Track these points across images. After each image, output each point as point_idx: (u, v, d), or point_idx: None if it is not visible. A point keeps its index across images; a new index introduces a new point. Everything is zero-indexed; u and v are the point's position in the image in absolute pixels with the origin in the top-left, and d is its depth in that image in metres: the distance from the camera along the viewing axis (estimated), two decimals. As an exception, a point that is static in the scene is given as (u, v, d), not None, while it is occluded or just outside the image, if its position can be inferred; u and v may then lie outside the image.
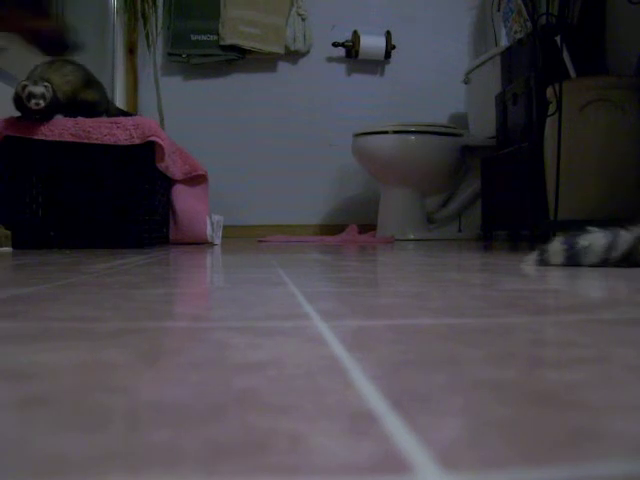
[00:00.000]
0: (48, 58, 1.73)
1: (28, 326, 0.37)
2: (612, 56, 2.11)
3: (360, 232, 2.98)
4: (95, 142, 1.65)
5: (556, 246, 0.91)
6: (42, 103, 1.58)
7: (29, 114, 1.61)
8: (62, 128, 1.65)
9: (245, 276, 0.76)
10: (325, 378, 0.24)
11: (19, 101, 1.60)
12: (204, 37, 3.02)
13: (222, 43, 3.01)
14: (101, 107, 1.77)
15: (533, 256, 0.93)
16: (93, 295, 0.54)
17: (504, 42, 2.68)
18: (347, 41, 3.11)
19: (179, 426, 0.18)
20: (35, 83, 1.59)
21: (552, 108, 1.82)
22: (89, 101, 1.75)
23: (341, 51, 3.16)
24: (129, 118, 1.71)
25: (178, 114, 3.03)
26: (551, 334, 0.35)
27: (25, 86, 1.59)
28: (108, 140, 1.65)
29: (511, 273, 0.79)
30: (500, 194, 2.36)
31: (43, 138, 1.64)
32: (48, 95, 1.60)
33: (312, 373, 0.25)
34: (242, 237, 3.09)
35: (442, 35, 3.21)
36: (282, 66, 3.16)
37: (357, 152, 2.77)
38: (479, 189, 2.70)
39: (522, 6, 2.36)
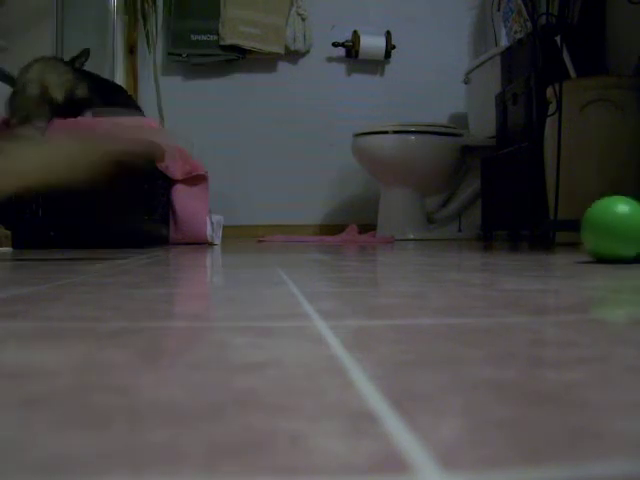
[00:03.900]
0: (39, 55, 1.75)
1: (28, 326, 0.37)
2: (612, 56, 2.11)
3: (360, 232, 2.98)
4: (95, 142, 1.65)
5: None
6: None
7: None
8: (62, 128, 1.65)
9: (245, 276, 0.76)
10: (325, 378, 0.24)
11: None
12: (204, 37, 3.03)
13: (222, 43, 3.01)
14: (95, 99, 1.79)
15: None
16: (93, 295, 0.54)
17: (504, 42, 2.68)
18: (347, 41, 3.12)
19: (179, 426, 0.18)
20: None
21: (552, 108, 1.82)
22: (85, 97, 1.76)
23: (341, 51, 3.16)
24: (129, 118, 1.71)
25: (178, 114, 3.03)
26: (551, 334, 0.35)
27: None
28: (108, 140, 1.65)
29: None
30: (500, 194, 2.36)
31: (43, 138, 1.64)
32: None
33: (312, 373, 0.25)
34: (242, 237, 3.09)
35: (442, 35, 3.21)
36: (282, 66, 3.16)
37: (357, 152, 2.77)
38: (479, 189, 2.70)
39: (522, 6, 2.36)
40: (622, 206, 0.95)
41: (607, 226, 0.95)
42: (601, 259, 0.98)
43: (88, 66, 2.37)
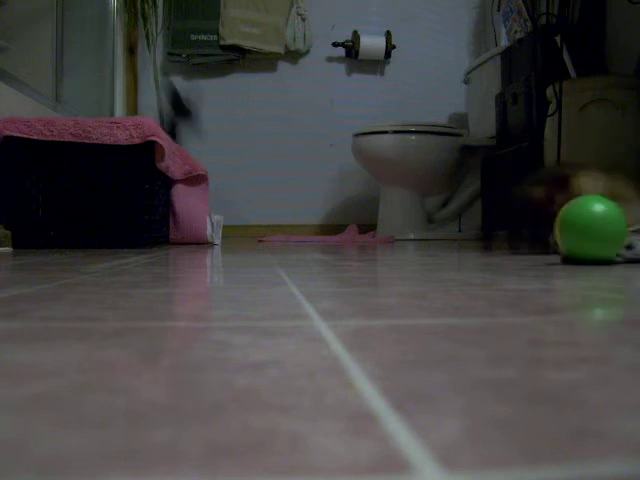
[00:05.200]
0: None
1: (28, 326, 0.37)
2: (612, 56, 2.11)
3: (360, 232, 2.98)
4: (95, 142, 1.65)
5: None
6: None
7: None
8: (62, 128, 1.65)
9: (245, 276, 0.76)
10: (325, 378, 0.24)
11: None
12: (204, 37, 3.02)
13: (222, 43, 3.01)
14: None
15: None
16: (93, 295, 0.54)
17: (504, 42, 2.68)
18: (347, 41, 3.12)
19: (179, 426, 0.18)
20: None
21: (552, 108, 1.82)
22: None
23: (341, 51, 3.16)
24: (129, 118, 1.71)
25: (178, 114, 3.02)
26: (551, 334, 0.35)
27: None
28: (108, 140, 1.65)
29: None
30: (500, 194, 2.36)
31: (43, 138, 1.64)
32: None
33: (312, 373, 0.25)
34: (242, 237, 3.09)
35: (442, 35, 3.21)
36: (282, 66, 3.16)
37: (357, 152, 2.77)
38: (479, 189, 2.70)
39: (522, 6, 2.36)
40: (600, 206, 0.91)
41: (586, 227, 0.90)
42: (578, 260, 0.94)
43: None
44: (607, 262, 0.94)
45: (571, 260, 0.96)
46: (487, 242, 2.35)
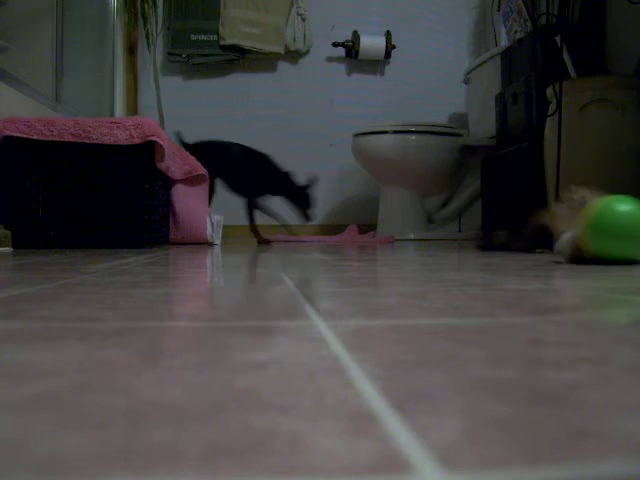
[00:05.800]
0: None
1: (28, 326, 0.37)
2: (612, 56, 2.11)
3: (360, 232, 2.98)
4: (95, 142, 1.65)
5: None
6: None
7: None
8: (62, 128, 1.65)
9: (245, 276, 0.76)
10: (325, 378, 0.24)
11: None
12: (204, 37, 3.02)
13: (222, 43, 3.01)
14: None
15: None
16: (93, 295, 0.54)
17: (504, 42, 2.68)
18: (347, 41, 3.12)
19: (179, 426, 0.18)
20: None
21: (552, 108, 1.82)
22: None
23: (341, 51, 3.16)
24: (129, 118, 1.71)
25: (178, 114, 3.03)
26: (551, 334, 0.34)
27: None
28: (108, 140, 1.65)
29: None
30: (500, 194, 2.36)
31: (43, 138, 1.64)
32: None
33: (312, 373, 0.25)
34: (242, 237, 3.09)
35: (442, 35, 3.21)
36: (282, 66, 3.16)
37: (357, 152, 2.77)
38: (479, 189, 2.70)
39: (522, 6, 2.36)
40: (628, 206, 0.92)
41: (616, 226, 0.91)
42: (608, 260, 0.94)
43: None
44: (632, 262, 0.93)
45: (577, 260, 0.96)
46: (487, 242, 2.35)
